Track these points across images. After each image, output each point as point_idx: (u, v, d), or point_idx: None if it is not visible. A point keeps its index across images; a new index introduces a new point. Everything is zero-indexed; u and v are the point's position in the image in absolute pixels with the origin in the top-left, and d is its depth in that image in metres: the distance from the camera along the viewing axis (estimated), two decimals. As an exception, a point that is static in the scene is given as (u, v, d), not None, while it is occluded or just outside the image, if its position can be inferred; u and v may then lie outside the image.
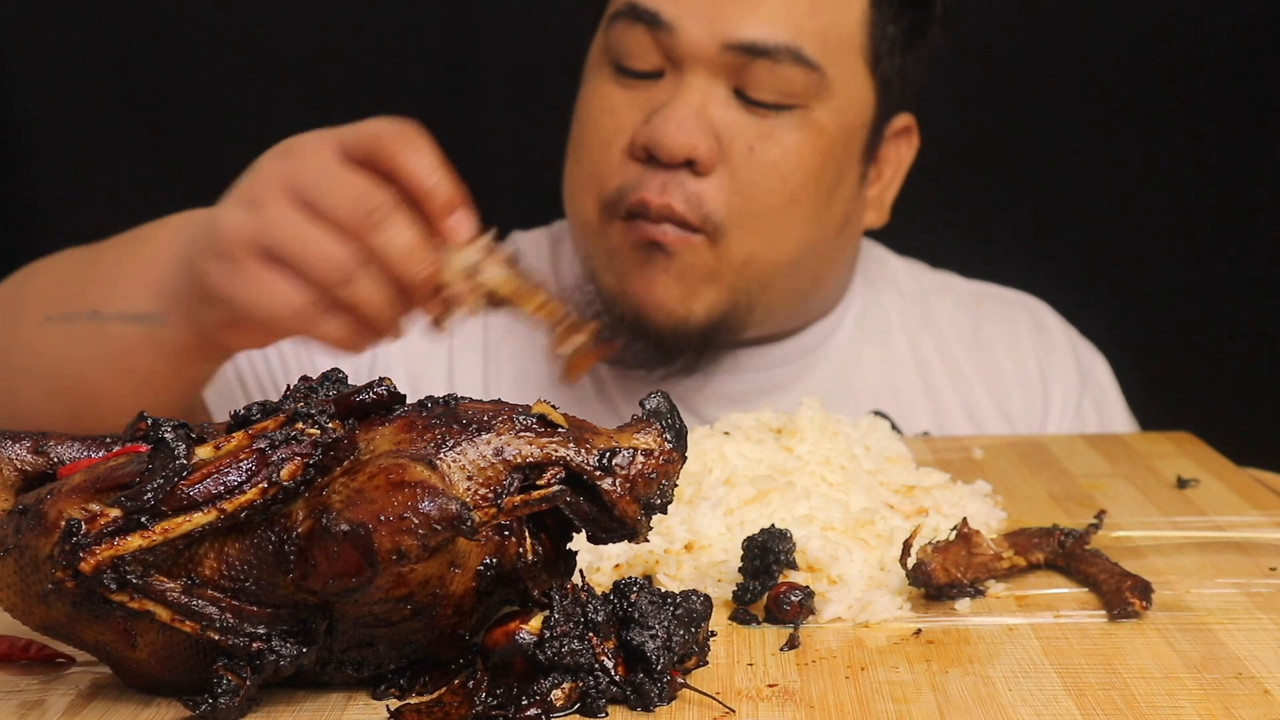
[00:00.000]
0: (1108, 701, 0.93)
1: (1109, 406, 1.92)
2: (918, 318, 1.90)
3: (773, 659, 1.02)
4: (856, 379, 1.84)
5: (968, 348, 1.89)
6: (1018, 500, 1.39)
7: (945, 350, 1.88)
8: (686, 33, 1.59)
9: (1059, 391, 1.88)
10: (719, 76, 1.60)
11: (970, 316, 1.92)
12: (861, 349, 1.85)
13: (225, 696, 0.92)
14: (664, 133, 1.57)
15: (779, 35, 1.58)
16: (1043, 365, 1.89)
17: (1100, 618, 1.08)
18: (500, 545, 0.96)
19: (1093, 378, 1.92)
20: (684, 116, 1.58)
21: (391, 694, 0.97)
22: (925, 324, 1.90)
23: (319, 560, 0.90)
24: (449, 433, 0.95)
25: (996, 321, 1.92)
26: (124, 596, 0.91)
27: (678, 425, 1.00)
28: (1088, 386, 1.90)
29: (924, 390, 1.85)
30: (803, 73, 1.59)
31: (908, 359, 1.87)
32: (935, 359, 1.87)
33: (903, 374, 1.86)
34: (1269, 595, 1.12)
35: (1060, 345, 1.92)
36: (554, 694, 0.93)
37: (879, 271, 1.92)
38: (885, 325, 1.87)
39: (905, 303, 1.90)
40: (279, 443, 0.92)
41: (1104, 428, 1.89)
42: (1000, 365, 1.88)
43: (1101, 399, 1.92)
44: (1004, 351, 1.89)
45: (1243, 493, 1.40)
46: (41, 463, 1.01)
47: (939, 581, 1.11)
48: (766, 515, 1.19)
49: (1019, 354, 1.89)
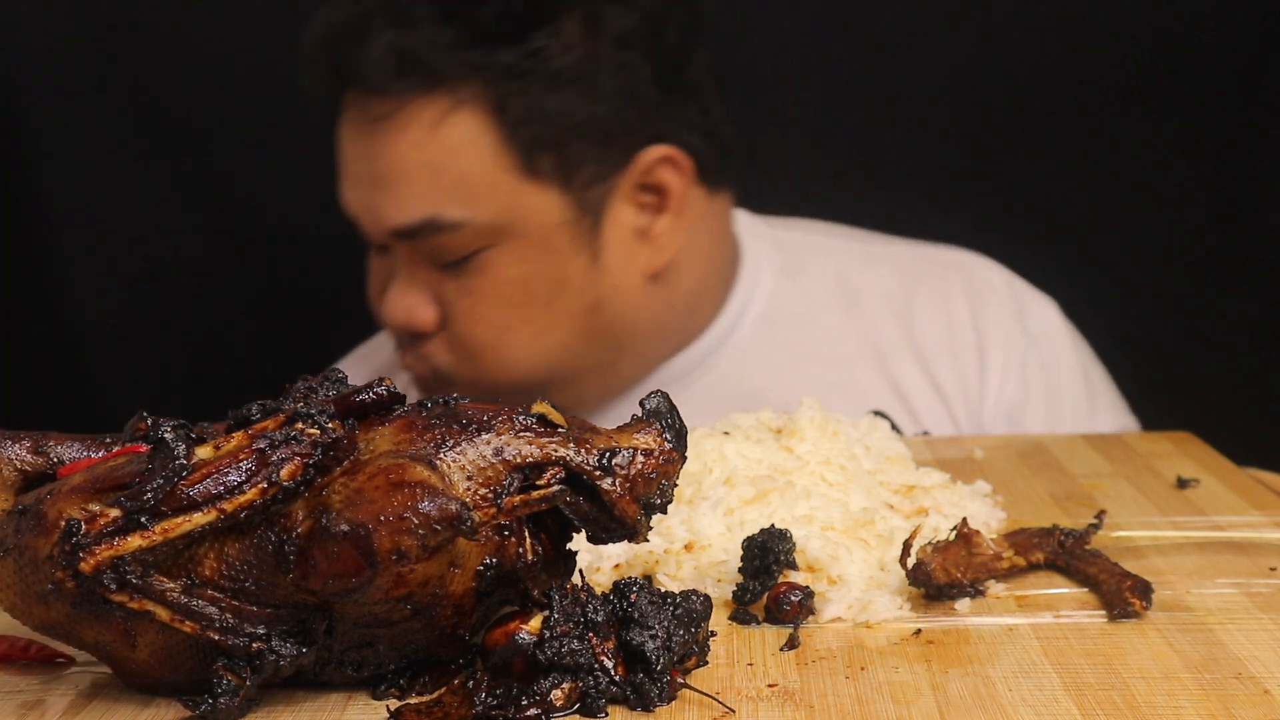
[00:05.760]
0: (1108, 701, 0.93)
1: (1061, 359, 1.88)
2: (836, 301, 1.90)
3: (773, 659, 1.02)
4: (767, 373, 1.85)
5: (898, 324, 1.88)
6: (1018, 500, 1.39)
7: (872, 330, 1.88)
8: (365, 225, 1.73)
9: (997, 357, 1.86)
10: (414, 250, 1.70)
11: (904, 288, 1.91)
12: (772, 343, 1.86)
13: (225, 696, 0.92)
14: (386, 312, 1.73)
15: (416, 213, 1.66)
16: (980, 330, 1.87)
17: (1100, 618, 1.08)
18: (500, 545, 0.96)
19: (1040, 333, 1.89)
20: (396, 295, 1.72)
21: (391, 694, 0.97)
22: (847, 306, 1.89)
23: (319, 560, 0.90)
24: (449, 433, 0.95)
25: (930, 290, 1.90)
26: (124, 596, 0.91)
27: (678, 425, 1.00)
28: (1033, 340, 1.88)
29: (842, 376, 1.85)
30: (456, 234, 1.66)
31: (823, 346, 1.87)
32: (858, 341, 1.87)
33: (814, 362, 1.86)
34: (1269, 595, 1.12)
35: (1000, 303, 1.89)
36: (554, 694, 0.93)
37: (794, 260, 1.91)
38: (794, 315, 1.88)
39: (821, 287, 1.90)
40: (279, 443, 0.92)
41: (1054, 381, 1.87)
42: (933, 338, 1.87)
43: (1050, 351, 1.88)
44: (938, 322, 1.88)
45: (1243, 493, 1.40)
46: (41, 463, 1.01)
47: (939, 581, 1.11)
48: (766, 515, 1.19)
49: (953, 322, 1.88)
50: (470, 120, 1.64)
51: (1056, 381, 1.87)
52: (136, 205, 2.27)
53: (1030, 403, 1.85)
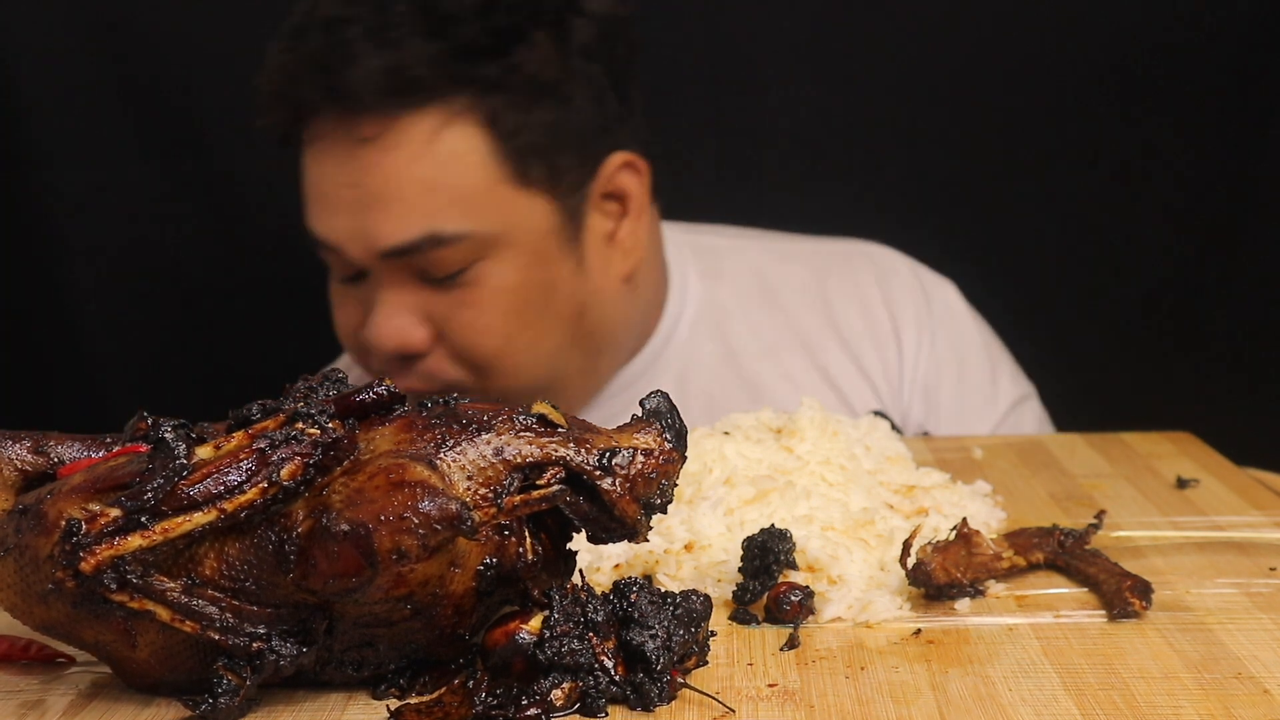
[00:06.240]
0: (1108, 701, 0.93)
1: (965, 335, 1.94)
2: (759, 298, 1.94)
3: (773, 659, 1.02)
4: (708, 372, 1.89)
5: (818, 314, 1.93)
6: (1018, 500, 1.39)
7: (795, 322, 1.92)
8: (349, 251, 1.69)
9: (911, 336, 1.91)
10: (398, 271, 1.68)
11: (817, 280, 1.96)
12: (709, 342, 1.90)
13: (225, 696, 0.92)
14: (373, 339, 1.71)
15: (414, 231, 1.65)
16: (893, 313, 1.93)
17: (1100, 618, 1.08)
18: (500, 545, 0.96)
19: (945, 311, 1.95)
20: (384, 319, 1.69)
21: (391, 694, 0.97)
22: (768, 302, 1.93)
23: (319, 560, 0.90)
24: (449, 433, 0.95)
25: (842, 279, 1.96)
26: (124, 596, 0.91)
27: (677, 425, 1.00)
28: (939, 319, 1.94)
29: (776, 368, 1.90)
30: (454, 247, 1.66)
31: (753, 341, 1.91)
32: (784, 334, 1.92)
33: (748, 357, 1.90)
34: (1269, 595, 1.12)
35: (907, 286, 1.95)
36: (554, 694, 0.93)
37: (714, 263, 1.95)
38: (723, 314, 1.92)
39: (743, 286, 1.95)
40: (279, 443, 0.92)
41: (961, 360, 1.92)
42: (852, 324, 1.92)
43: (954, 329, 1.94)
44: (854, 309, 1.93)
45: (1243, 493, 1.40)
46: (41, 463, 1.01)
47: (939, 581, 1.11)
48: (766, 515, 1.19)
49: (867, 308, 1.93)
50: (464, 133, 1.65)
51: (963, 356, 1.93)
52: (136, 205, 2.27)
53: (943, 378, 1.91)
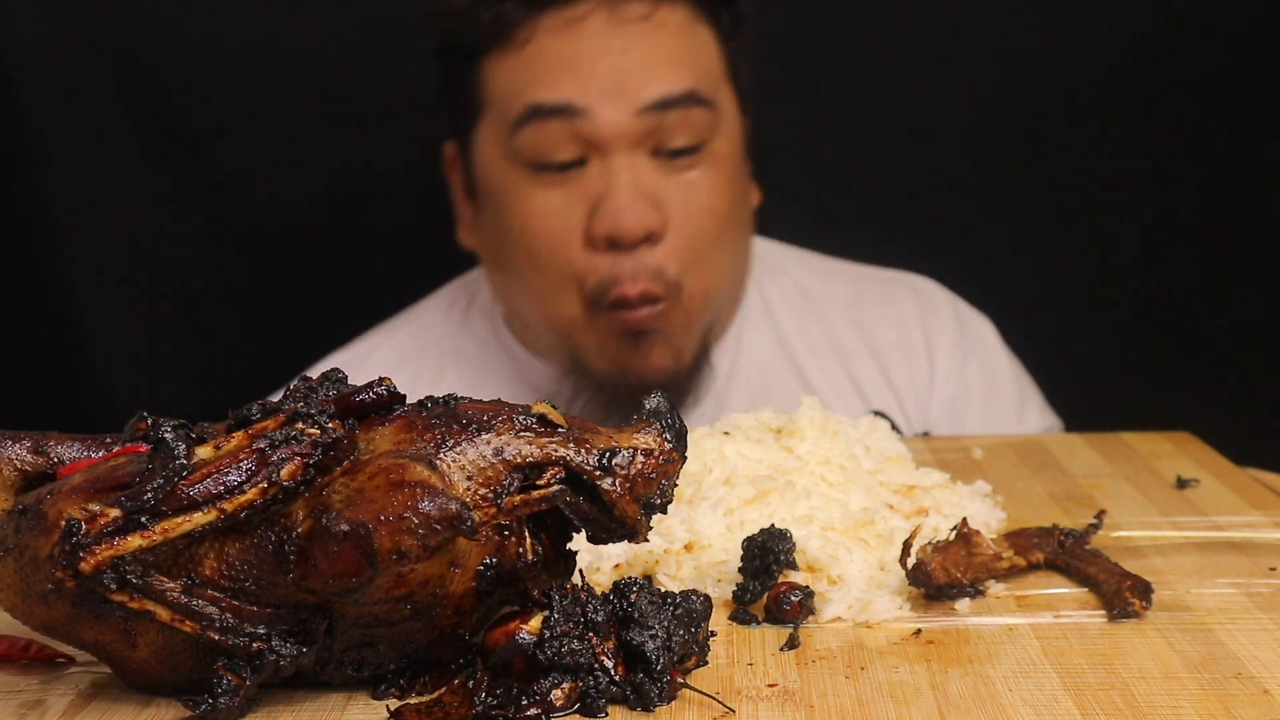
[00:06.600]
0: (1108, 701, 0.93)
1: (997, 366, 2.00)
2: (803, 302, 2.00)
3: (773, 659, 1.02)
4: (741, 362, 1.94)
5: (856, 327, 1.98)
6: (1018, 500, 1.39)
7: (833, 330, 1.98)
8: (602, 113, 1.69)
9: (943, 358, 1.97)
10: (637, 145, 1.71)
11: (859, 297, 2.02)
12: (741, 335, 1.95)
13: (225, 696, 0.92)
14: (618, 222, 1.69)
15: (681, 84, 1.72)
16: (929, 336, 1.98)
17: (1100, 618, 1.08)
18: (500, 545, 0.96)
19: (979, 341, 2.00)
20: (628, 200, 1.70)
21: (391, 694, 0.97)
22: (811, 308, 2.00)
23: (319, 560, 0.90)
24: (449, 433, 0.95)
25: (881, 301, 2.02)
26: (124, 596, 0.91)
27: (677, 425, 1.00)
28: (974, 349, 1.99)
29: (808, 368, 1.95)
30: (703, 112, 1.74)
31: (792, 340, 1.97)
32: (822, 338, 1.97)
33: (784, 355, 1.96)
34: (1269, 595, 1.12)
35: (945, 316, 2.01)
36: (554, 694, 0.93)
37: (762, 263, 2.00)
38: (767, 311, 1.98)
39: (790, 289, 2.01)
40: (279, 443, 0.92)
41: (991, 388, 1.97)
42: (887, 340, 1.98)
43: (987, 359, 2.00)
44: (890, 327, 1.99)
45: (1243, 493, 1.40)
46: (41, 463, 1.01)
47: (939, 581, 1.11)
48: (766, 515, 1.19)
49: (904, 328, 1.99)
50: (704, 30, 1.77)
51: (993, 384, 1.98)
52: (136, 205, 2.27)
53: (970, 400, 1.96)
